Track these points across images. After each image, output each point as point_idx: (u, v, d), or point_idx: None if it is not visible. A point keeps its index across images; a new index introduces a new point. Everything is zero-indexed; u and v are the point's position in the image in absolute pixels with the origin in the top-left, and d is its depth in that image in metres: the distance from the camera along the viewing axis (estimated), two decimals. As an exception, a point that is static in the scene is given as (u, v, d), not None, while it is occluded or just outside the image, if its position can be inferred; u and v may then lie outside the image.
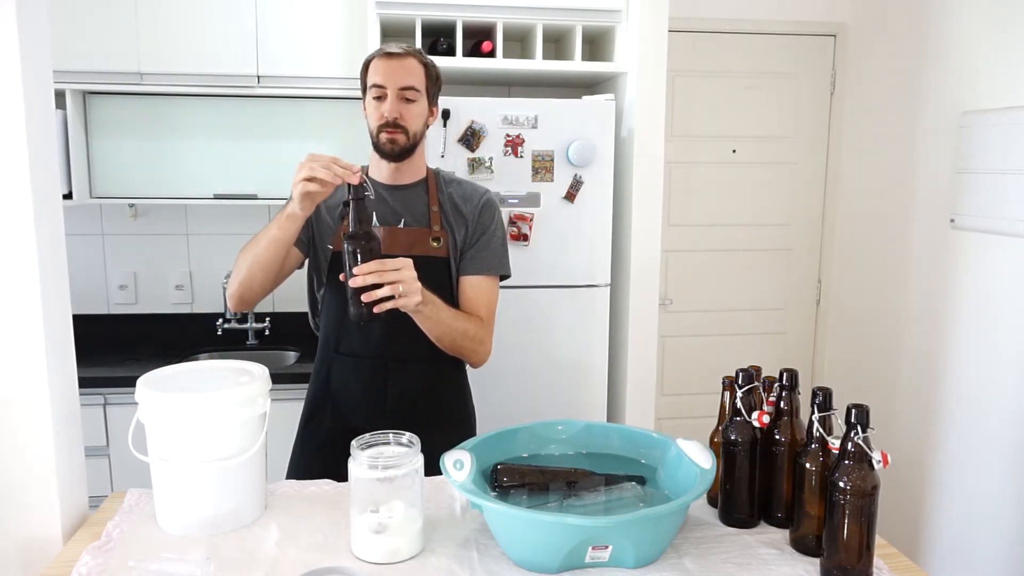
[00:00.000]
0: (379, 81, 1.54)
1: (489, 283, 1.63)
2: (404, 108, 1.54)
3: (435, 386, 1.64)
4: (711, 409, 1.32)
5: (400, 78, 1.53)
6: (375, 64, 1.56)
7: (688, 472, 1.19)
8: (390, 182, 1.62)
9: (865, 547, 1.06)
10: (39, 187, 1.21)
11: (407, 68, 1.55)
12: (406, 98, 1.54)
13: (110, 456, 2.30)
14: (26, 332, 1.21)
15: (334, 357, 1.63)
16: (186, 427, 1.18)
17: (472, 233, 1.62)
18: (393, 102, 1.53)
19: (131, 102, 2.47)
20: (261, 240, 1.50)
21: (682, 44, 2.91)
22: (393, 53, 1.55)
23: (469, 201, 1.64)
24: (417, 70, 1.56)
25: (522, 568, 1.10)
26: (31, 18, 1.19)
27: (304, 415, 1.70)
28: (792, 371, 1.19)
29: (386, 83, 1.53)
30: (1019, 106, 2.22)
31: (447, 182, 1.67)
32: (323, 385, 1.65)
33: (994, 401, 2.33)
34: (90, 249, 2.75)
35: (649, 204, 2.47)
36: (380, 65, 1.55)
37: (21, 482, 1.23)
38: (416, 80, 1.55)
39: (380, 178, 1.62)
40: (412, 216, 1.61)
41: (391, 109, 1.53)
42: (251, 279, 1.53)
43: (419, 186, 1.64)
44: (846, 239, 3.11)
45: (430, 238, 1.58)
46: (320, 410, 1.65)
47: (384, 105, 1.53)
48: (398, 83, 1.53)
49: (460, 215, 1.63)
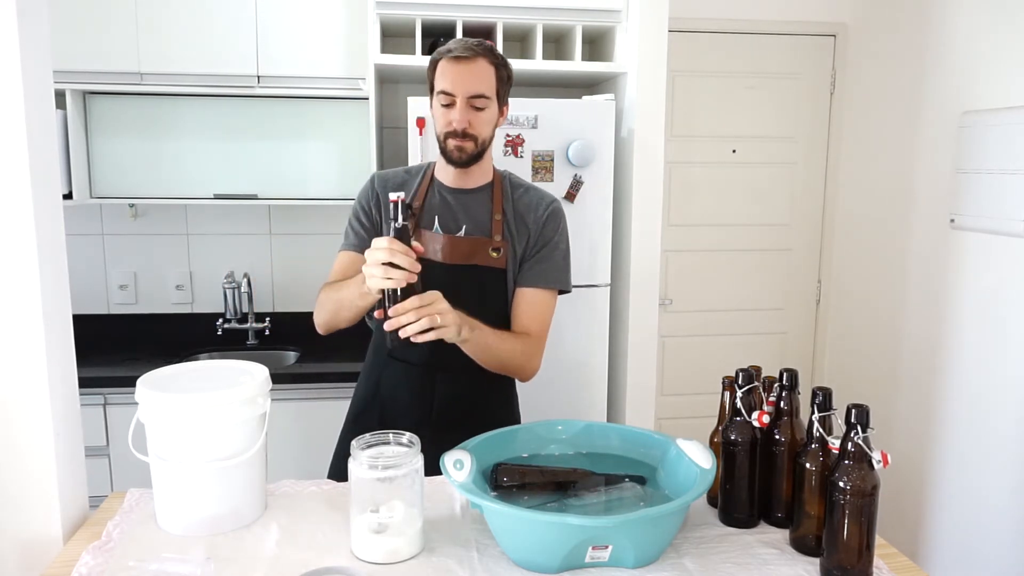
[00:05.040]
0: (447, 88, 1.46)
1: (546, 297, 1.57)
2: (473, 116, 1.47)
3: (481, 396, 1.60)
4: (711, 409, 1.32)
5: (470, 86, 1.45)
6: (443, 68, 1.47)
7: (688, 472, 1.19)
8: (455, 185, 1.57)
9: (865, 547, 1.06)
10: (39, 187, 1.20)
11: (477, 74, 1.46)
12: (475, 106, 1.47)
13: (110, 456, 2.30)
14: (26, 332, 1.21)
15: (387, 361, 1.60)
16: (186, 427, 1.18)
17: (534, 244, 1.56)
18: (462, 111, 1.46)
19: (131, 102, 2.48)
20: (344, 298, 1.44)
21: (682, 44, 2.91)
22: (461, 57, 1.46)
23: (534, 210, 1.58)
24: (488, 74, 1.48)
25: (522, 568, 1.10)
26: (31, 18, 1.19)
27: (351, 414, 1.68)
28: (792, 371, 1.19)
29: (455, 91, 1.45)
30: (1019, 106, 2.22)
31: (514, 187, 1.61)
32: (373, 388, 1.63)
33: (994, 401, 2.33)
34: (90, 249, 2.75)
35: (649, 204, 2.47)
36: (448, 69, 1.46)
37: (21, 482, 1.23)
38: (487, 87, 1.47)
39: (446, 181, 1.57)
40: (474, 223, 1.55)
41: (460, 119, 1.46)
42: (336, 320, 1.51)
43: (484, 191, 1.58)
44: (846, 239, 3.11)
45: (490, 248, 1.53)
46: (368, 411, 1.63)
47: (452, 113, 1.47)
48: (468, 91, 1.46)
49: (523, 224, 1.57)
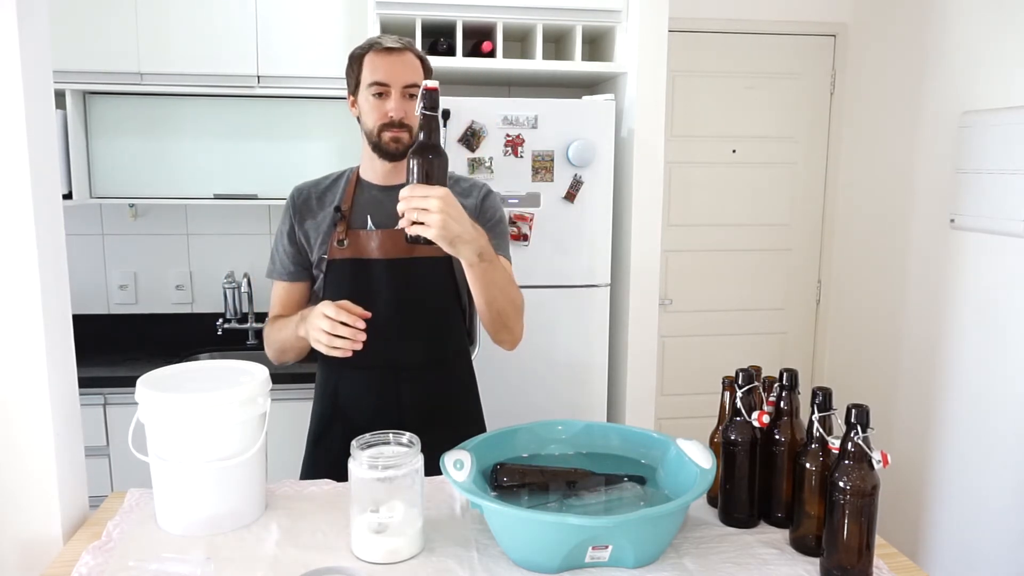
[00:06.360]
0: (381, 79, 1.48)
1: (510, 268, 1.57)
2: (408, 106, 1.49)
3: (448, 392, 1.59)
4: (711, 409, 1.32)
5: (404, 75, 1.48)
6: (373, 60, 1.49)
7: (688, 472, 1.19)
8: (386, 183, 1.57)
9: (865, 547, 1.06)
10: (39, 187, 1.20)
11: (409, 64, 1.50)
12: (409, 94, 1.49)
13: (110, 456, 2.30)
14: (26, 332, 1.21)
15: (341, 371, 1.55)
16: (186, 427, 1.18)
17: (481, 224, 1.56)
18: (398, 100, 1.48)
19: (131, 102, 2.48)
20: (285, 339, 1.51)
21: (682, 44, 2.91)
22: (392, 48, 1.49)
23: (469, 196, 1.59)
24: (416, 66, 1.51)
25: (522, 568, 1.10)
26: (31, 18, 1.19)
27: (311, 437, 1.62)
28: (792, 371, 1.19)
29: (389, 80, 1.48)
30: (1019, 106, 2.22)
31: None
32: (330, 402, 1.58)
33: (994, 401, 2.33)
34: (90, 249, 2.75)
35: (649, 204, 2.47)
36: (380, 61, 1.49)
37: (21, 482, 1.23)
38: (418, 76, 1.50)
39: (375, 179, 1.58)
40: None
41: (397, 108, 1.48)
42: (284, 358, 1.58)
43: None
44: (846, 239, 3.11)
45: None
46: (329, 429, 1.57)
47: (388, 103, 1.48)
48: (402, 80, 1.48)
49: None
